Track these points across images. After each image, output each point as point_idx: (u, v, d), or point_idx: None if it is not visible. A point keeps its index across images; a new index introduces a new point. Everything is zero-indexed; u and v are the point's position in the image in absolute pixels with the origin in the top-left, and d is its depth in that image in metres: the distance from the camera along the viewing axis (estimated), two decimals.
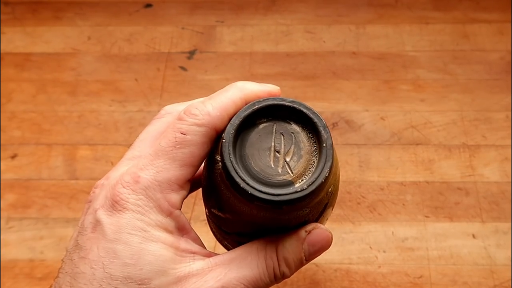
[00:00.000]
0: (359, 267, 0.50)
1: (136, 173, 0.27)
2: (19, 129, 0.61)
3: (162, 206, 0.27)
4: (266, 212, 0.27)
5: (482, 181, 0.54)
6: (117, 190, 0.27)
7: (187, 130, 0.27)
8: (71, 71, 0.65)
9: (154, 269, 0.26)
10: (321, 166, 0.27)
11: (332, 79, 0.63)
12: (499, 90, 0.61)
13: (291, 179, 0.27)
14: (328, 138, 0.27)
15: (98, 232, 0.26)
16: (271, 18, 0.69)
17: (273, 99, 0.28)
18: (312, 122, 0.27)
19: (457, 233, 0.52)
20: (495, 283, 0.49)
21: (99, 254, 0.26)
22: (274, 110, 0.28)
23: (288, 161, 0.27)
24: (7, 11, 0.71)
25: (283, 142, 0.28)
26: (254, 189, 0.26)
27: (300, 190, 0.26)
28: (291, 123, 0.28)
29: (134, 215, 0.26)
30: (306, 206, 0.28)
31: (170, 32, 0.68)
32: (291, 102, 0.28)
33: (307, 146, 0.27)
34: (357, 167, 0.56)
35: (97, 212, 0.27)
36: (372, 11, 0.69)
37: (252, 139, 0.28)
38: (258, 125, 0.28)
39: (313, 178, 0.26)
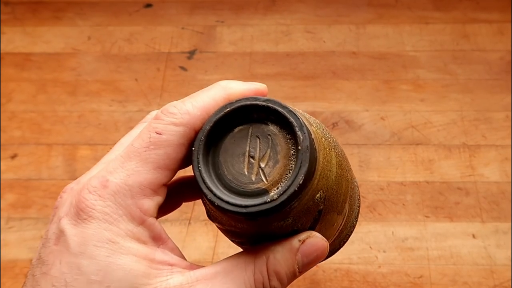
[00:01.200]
0: (359, 267, 0.50)
1: (105, 176, 0.24)
2: (19, 129, 0.61)
3: (133, 214, 0.24)
4: (244, 224, 0.25)
5: (482, 181, 0.54)
6: (82, 196, 0.24)
7: (162, 130, 0.25)
8: (71, 71, 0.65)
9: (124, 286, 0.23)
10: (295, 173, 0.24)
11: (332, 79, 0.63)
12: (499, 90, 0.61)
13: (265, 187, 0.24)
14: (305, 139, 0.24)
15: (61, 245, 0.24)
16: (271, 18, 0.69)
17: (246, 99, 0.25)
18: (288, 121, 0.24)
19: (457, 233, 0.51)
20: (495, 283, 0.48)
21: (61, 270, 0.23)
22: (249, 112, 0.25)
23: (263, 167, 0.25)
24: (7, 11, 0.71)
25: (258, 147, 0.25)
26: (222, 200, 0.24)
27: (270, 200, 0.23)
28: (268, 124, 0.25)
29: (101, 225, 0.24)
30: (287, 216, 0.25)
31: (170, 32, 0.68)
32: (265, 101, 0.25)
33: (285, 149, 0.25)
34: (357, 167, 0.56)
35: (61, 221, 0.24)
36: (372, 11, 0.69)
37: (226, 144, 0.25)
38: (233, 129, 0.25)
39: (285, 186, 0.24)
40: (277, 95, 0.62)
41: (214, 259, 0.51)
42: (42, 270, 0.24)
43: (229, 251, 0.51)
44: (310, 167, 0.24)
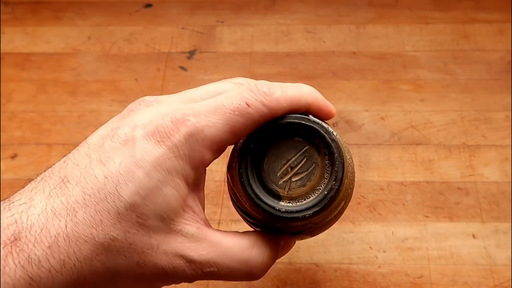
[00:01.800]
0: (359, 267, 0.50)
1: (189, 115, 0.27)
2: (19, 129, 0.61)
3: (194, 158, 0.27)
4: (258, 210, 0.29)
5: (482, 181, 0.54)
6: (164, 121, 0.27)
7: (252, 104, 0.27)
8: (71, 71, 0.65)
9: (157, 211, 0.26)
10: (310, 204, 0.28)
11: (332, 79, 0.63)
12: (499, 90, 0.61)
13: (282, 194, 0.28)
14: (334, 194, 0.28)
15: (128, 148, 0.26)
16: (271, 18, 0.69)
17: (321, 126, 0.29)
18: (334, 169, 0.28)
19: (457, 233, 0.52)
20: (495, 283, 0.49)
21: (118, 169, 0.26)
22: (312, 132, 0.29)
23: (293, 180, 0.29)
24: (7, 11, 0.71)
25: (301, 164, 0.29)
26: (247, 179, 0.28)
27: (277, 209, 0.28)
28: (320, 154, 0.29)
29: (168, 154, 0.26)
30: (284, 224, 0.29)
31: (170, 32, 0.68)
32: (332, 140, 0.29)
33: (315, 182, 0.28)
34: (357, 167, 0.56)
35: (136, 129, 0.27)
36: (372, 11, 0.69)
37: (282, 144, 0.29)
38: (295, 137, 0.29)
39: (292, 208, 0.28)
40: None
41: None
42: (100, 158, 0.26)
43: None
44: (321, 210, 0.28)
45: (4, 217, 0.25)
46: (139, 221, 0.26)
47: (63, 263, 0.25)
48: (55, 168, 0.28)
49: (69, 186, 0.26)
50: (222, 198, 0.54)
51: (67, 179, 0.26)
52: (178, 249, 0.27)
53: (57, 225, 0.25)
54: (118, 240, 0.25)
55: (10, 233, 0.25)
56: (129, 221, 0.25)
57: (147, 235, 0.26)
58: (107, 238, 0.25)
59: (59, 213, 0.25)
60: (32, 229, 0.25)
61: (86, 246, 0.25)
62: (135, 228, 0.25)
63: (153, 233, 0.26)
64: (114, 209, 0.25)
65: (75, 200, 0.25)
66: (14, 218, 0.25)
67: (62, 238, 0.25)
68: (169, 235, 0.27)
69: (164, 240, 0.26)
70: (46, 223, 0.25)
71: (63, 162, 0.28)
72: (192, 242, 0.27)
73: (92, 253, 0.25)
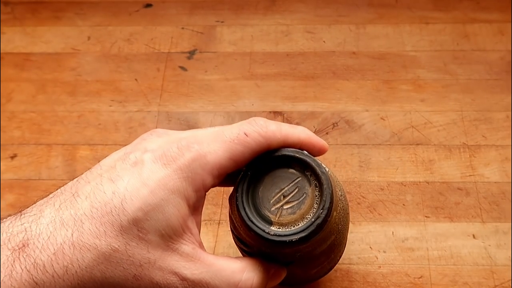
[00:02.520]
0: (359, 267, 0.50)
1: (193, 143, 0.29)
2: (19, 129, 0.61)
3: (196, 182, 0.29)
4: (250, 234, 0.31)
5: (482, 181, 0.54)
6: (171, 147, 0.29)
7: (249, 133, 0.30)
8: (71, 71, 0.65)
9: (157, 227, 0.28)
10: (297, 230, 0.30)
11: (332, 79, 0.63)
12: (499, 90, 0.61)
13: (273, 220, 0.31)
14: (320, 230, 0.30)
15: (137, 169, 0.29)
16: (271, 18, 0.69)
17: (315, 162, 0.31)
18: (323, 199, 0.30)
19: (457, 233, 0.51)
20: (495, 283, 0.48)
21: (126, 186, 0.28)
22: (307, 167, 0.31)
23: (284, 208, 0.31)
24: (7, 11, 0.71)
25: (292, 194, 0.31)
26: (242, 203, 0.31)
27: (267, 232, 0.30)
28: (311, 186, 0.31)
29: (172, 175, 0.28)
30: (273, 250, 0.31)
31: (170, 32, 0.68)
32: (322, 173, 0.31)
33: (305, 211, 0.31)
34: (357, 167, 0.56)
35: (146, 153, 0.29)
36: (372, 11, 0.69)
37: (277, 172, 0.31)
38: (290, 168, 0.32)
39: (283, 233, 0.30)
40: (277, 95, 0.62)
41: None
42: (111, 177, 0.29)
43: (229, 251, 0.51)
44: (307, 237, 0.30)
45: (15, 226, 0.27)
46: (140, 235, 0.27)
47: (66, 269, 0.26)
48: (67, 186, 0.30)
49: (78, 200, 0.28)
50: (222, 198, 0.54)
51: (77, 194, 0.29)
52: (174, 266, 0.29)
53: (63, 234, 0.27)
54: (119, 251, 0.27)
55: (19, 240, 0.27)
56: (131, 234, 0.27)
57: (146, 249, 0.28)
58: (109, 248, 0.27)
59: (67, 223, 0.27)
60: (40, 237, 0.27)
61: (89, 254, 0.27)
62: (135, 241, 0.27)
63: (151, 248, 0.28)
64: (118, 222, 0.27)
65: (83, 213, 0.27)
66: (24, 226, 0.27)
67: (68, 246, 0.27)
68: (166, 252, 0.28)
69: (161, 257, 0.28)
70: (53, 232, 0.27)
71: (76, 181, 0.30)
72: (187, 261, 0.29)
73: (94, 262, 0.27)
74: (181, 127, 0.60)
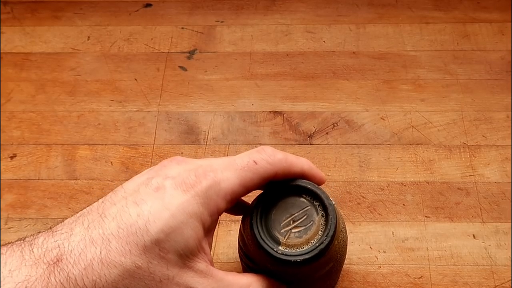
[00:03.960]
0: (359, 267, 0.50)
1: (209, 171, 0.33)
2: (18, 129, 0.61)
3: (211, 206, 0.32)
4: (259, 251, 0.34)
5: (482, 181, 0.54)
6: (189, 174, 0.32)
7: (259, 161, 0.33)
8: (70, 71, 0.65)
9: (176, 248, 0.31)
10: (302, 252, 0.33)
11: (332, 79, 0.63)
12: (500, 90, 0.61)
13: (281, 241, 0.34)
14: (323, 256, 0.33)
15: (159, 194, 0.31)
16: (271, 18, 0.69)
17: (324, 194, 0.35)
18: (327, 227, 0.34)
19: (458, 233, 0.51)
20: (495, 283, 0.48)
21: (149, 209, 0.31)
22: (317, 198, 0.35)
23: (293, 232, 0.34)
24: (6, 11, 0.71)
25: (301, 220, 0.34)
26: (256, 222, 0.34)
27: (275, 250, 0.33)
28: (318, 215, 0.34)
29: (191, 200, 0.31)
30: (278, 268, 0.34)
31: (169, 32, 0.68)
32: (329, 205, 0.34)
33: (310, 236, 0.34)
34: (357, 167, 0.56)
35: (167, 180, 0.32)
36: (372, 11, 0.69)
37: (289, 199, 0.35)
38: (301, 197, 0.35)
39: (290, 253, 0.33)
40: (277, 95, 0.62)
41: (214, 258, 0.51)
42: (135, 200, 0.31)
43: (228, 251, 0.51)
44: (310, 259, 0.33)
45: (49, 242, 0.30)
46: (161, 254, 0.30)
47: (95, 283, 0.29)
48: (93, 207, 0.33)
49: (106, 220, 0.31)
50: None
51: (104, 215, 0.31)
52: (189, 282, 0.32)
53: (93, 251, 0.30)
54: (141, 269, 0.30)
55: (54, 255, 0.30)
56: (153, 253, 0.30)
57: (166, 267, 0.31)
58: (133, 265, 0.30)
59: (96, 241, 0.30)
60: (72, 253, 0.30)
61: (115, 270, 0.29)
62: (156, 260, 0.30)
63: (170, 266, 0.31)
64: (141, 242, 0.30)
65: (110, 232, 0.30)
66: (57, 243, 0.30)
67: (96, 262, 0.29)
68: (183, 269, 0.31)
69: (178, 273, 0.31)
70: (84, 249, 0.30)
71: (101, 202, 0.33)
72: (200, 277, 0.32)
73: (119, 277, 0.30)
74: (181, 127, 0.60)
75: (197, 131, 0.59)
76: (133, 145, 0.59)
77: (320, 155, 0.57)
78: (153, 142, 0.59)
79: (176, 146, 0.59)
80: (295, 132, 0.59)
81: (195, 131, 0.60)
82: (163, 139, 0.59)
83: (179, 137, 0.59)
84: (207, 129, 0.60)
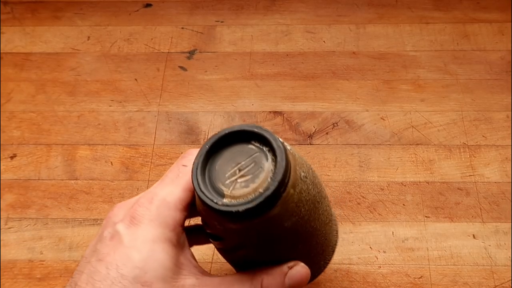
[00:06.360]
0: (359, 267, 0.50)
1: (151, 197, 0.33)
2: (18, 129, 0.61)
3: (168, 222, 0.32)
4: (203, 207, 0.30)
5: (482, 181, 0.54)
6: (135, 209, 0.33)
7: (187, 163, 0.34)
8: (70, 71, 0.65)
9: (156, 275, 0.31)
10: (244, 201, 0.28)
11: (332, 79, 0.63)
12: (500, 90, 0.61)
13: (225, 193, 0.30)
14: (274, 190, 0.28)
15: (116, 241, 0.32)
16: (271, 18, 0.69)
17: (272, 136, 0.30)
18: (276, 172, 0.29)
19: (458, 233, 0.51)
20: (495, 283, 0.48)
21: (115, 257, 0.31)
22: (267, 143, 0.30)
23: (238, 182, 0.30)
24: (7, 11, 0.71)
25: (248, 168, 0.30)
26: (196, 175, 0.30)
27: (215, 202, 0.29)
28: (268, 160, 0.30)
29: (147, 228, 0.32)
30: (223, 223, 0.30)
31: (169, 32, 0.68)
32: (277, 147, 0.29)
33: (258, 184, 0.29)
34: (357, 167, 0.56)
35: (117, 225, 0.32)
36: (372, 11, 0.69)
37: (237, 147, 0.31)
38: (250, 144, 0.31)
39: (231, 205, 0.28)
40: (277, 95, 0.62)
41: (213, 259, 0.51)
42: (98, 258, 0.32)
43: None
44: (254, 209, 0.28)
45: None
46: None
47: None
48: (68, 286, 0.33)
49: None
50: None
51: (78, 285, 0.31)
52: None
53: None
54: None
55: None
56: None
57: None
58: None
59: None
60: None
61: None
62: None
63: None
64: (124, 287, 0.30)
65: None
66: None
67: None
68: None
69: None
70: None
71: (71, 278, 0.33)
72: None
73: None
74: (181, 127, 0.60)
75: (197, 131, 0.60)
76: (133, 145, 0.59)
77: (320, 155, 0.57)
78: (153, 142, 0.59)
79: (176, 146, 0.59)
80: (295, 132, 0.59)
81: (195, 131, 0.60)
82: (163, 139, 0.59)
83: (179, 137, 0.59)
84: (207, 129, 0.60)
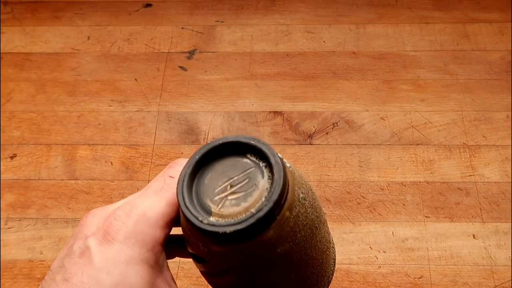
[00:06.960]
0: (359, 267, 0.50)
1: (129, 208, 0.29)
2: (19, 129, 0.61)
3: (147, 241, 0.29)
4: (188, 225, 0.27)
5: (482, 181, 0.54)
6: (110, 222, 0.29)
7: (174, 174, 0.30)
8: (70, 71, 0.65)
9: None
10: (234, 222, 0.25)
11: (332, 79, 0.63)
12: (499, 90, 0.61)
13: (213, 210, 0.26)
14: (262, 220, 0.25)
15: (85, 258, 0.28)
16: (271, 18, 0.69)
17: (270, 150, 0.26)
18: (271, 191, 0.25)
19: (457, 233, 0.51)
20: (495, 283, 0.48)
21: (82, 279, 0.28)
22: (264, 158, 0.27)
23: (228, 199, 0.26)
24: (7, 11, 0.71)
25: (241, 184, 0.27)
26: (181, 189, 0.26)
27: (200, 220, 0.25)
28: (263, 177, 0.26)
29: (122, 247, 0.28)
30: (208, 245, 0.27)
31: (169, 32, 0.68)
32: (276, 163, 0.26)
33: (250, 204, 0.26)
34: (357, 167, 0.56)
35: (88, 239, 0.29)
36: (372, 11, 0.69)
37: (231, 160, 0.27)
38: (245, 157, 0.27)
39: (219, 223, 0.25)
40: (277, 95, 0.62)
41: None
42: (64, 277, 0.28)
43: None
44: (243, 231, 0.25)
45: None
46: None
47: None
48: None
49: None
50: None
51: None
52: None
53: None
54: None
55: None
56: None
57: None
58: None
59: None
60: None
61: None
62: None
63: None
64: None
65: None
66: None
67: None
68: None
69: None
70: None
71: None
72: None
73: None
74: (181, 127, 0.60)
75: (197, 131, 0.60)
76: (133, 145, 0.59)
77: (320, 155, 0.57)
78: (153, 142, 0.59)
79: (176, 146, 0.59)
80: (295, 132, 0.59)
81: (195, 131, 0.60)
82: (163, 139, 0.59)
83: (179, 137, 0.59)
84: (207, 129, 0.60)
